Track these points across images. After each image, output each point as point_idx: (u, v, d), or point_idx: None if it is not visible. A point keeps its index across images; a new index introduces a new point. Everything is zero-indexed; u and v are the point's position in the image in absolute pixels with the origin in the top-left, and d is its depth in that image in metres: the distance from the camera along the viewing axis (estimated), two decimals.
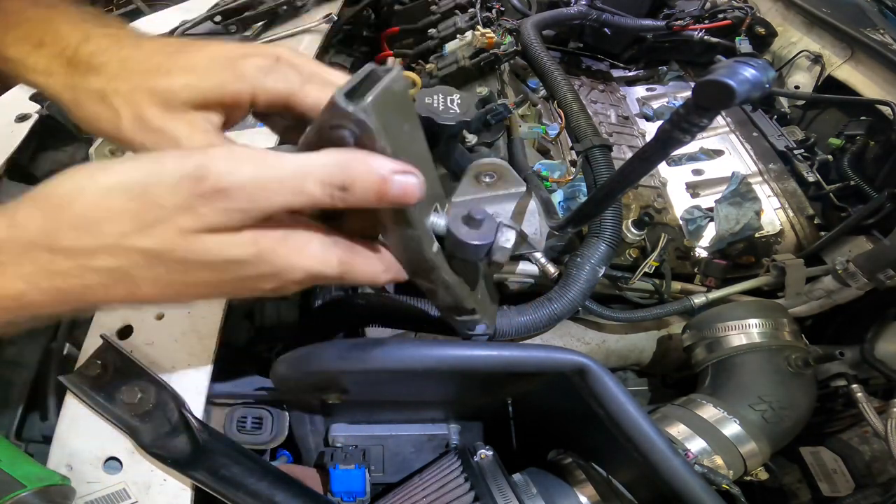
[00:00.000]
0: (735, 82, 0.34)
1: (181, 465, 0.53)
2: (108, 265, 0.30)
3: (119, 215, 0.29)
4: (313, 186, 0.31)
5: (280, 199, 0.31)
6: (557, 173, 0.89)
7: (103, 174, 0.30)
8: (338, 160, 0.32)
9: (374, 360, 0.56)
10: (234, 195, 0.30)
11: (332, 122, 0.32)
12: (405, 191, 0.32)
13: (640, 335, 0.93)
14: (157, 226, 0.30)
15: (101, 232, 0.30)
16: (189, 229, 0.30)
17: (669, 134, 0.40)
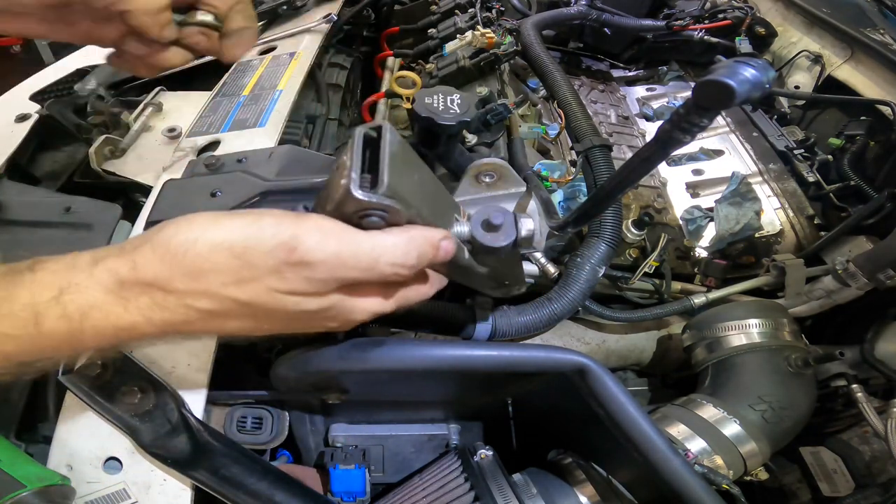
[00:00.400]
0: (735, 82, 0.34)
1: (181, 465, 0.53)
2: (208, 307, 0.36)
3: (222, 269, 0.35)
4: (384, 266, 0.37)
5: (354, 275, 0.37)
6: (557, 173, 0.89)
7: (213, 230, 0.36)
8: (407, 239, 0.38)
9: (374, 360, 0.56)
10: (317, 268, 0.36)
11: (359, 213, 0.37)
12: (447, 253, 0.40)
13: (640, 335, 0.93)
14: (250, 282, 0.36)
15: (206, 280, 0.35)
16: (275, 289, 0.36)
17: (669, 134, 0.40)
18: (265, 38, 1.10)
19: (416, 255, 0.38)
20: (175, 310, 0.36)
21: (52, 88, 1.01)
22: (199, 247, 0.35)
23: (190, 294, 0.36)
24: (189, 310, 0.36)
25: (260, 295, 0.36)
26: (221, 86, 0.95)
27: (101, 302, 0.35)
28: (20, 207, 0.73)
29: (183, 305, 0.36)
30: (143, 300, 0.36)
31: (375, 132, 0.39)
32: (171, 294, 0.36)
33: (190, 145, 0.79)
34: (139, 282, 0.35)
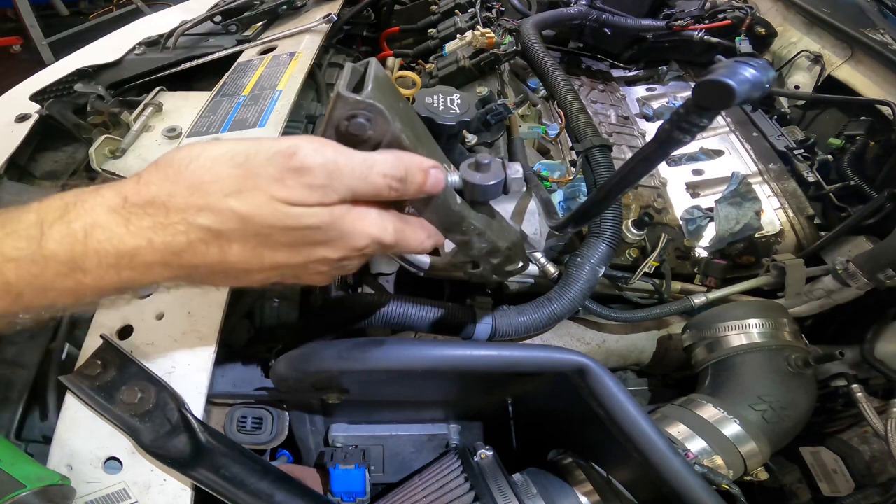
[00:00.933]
0: (735, 82, 0.34)
1: (181, 465, 0.53)
2: (209, 223, 0.36)
3: (224, 178, 0.35)
4: (377, 177, 0.38)
5: (350, 182, 0.37)
6: (557, 173, 0.89)
7: (213, 146, 0.36)
8: (396, 155, 0.39)
9: (374, 360, 0.56)
10: (316, 172, 0.36)
11: (347, 113, 0.38)
12: (437, 181, 0.40)
13: (640, 335, 0.93)
14: (252, 191, 0.35)
15: (208, 192, 0.35)
16: (276, 198, 0.35)
17: (669, 133, 0.40)
18: (265, 38, 1.10)
19: (405, 170, 0.38)
20: (176, 228, 0.35)
21: (52, 88, 1.01)
22: (201, 159, 0.35)
23: (191, 208, 0.35)
24: (190, 228, 0.35)
25: (261, 206, 0.36)
26: (221, 86, 0.95)
27: (104, 221, 0.35)
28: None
29: (184, 222, 0.35)
30: (146, 220, 0.35)
31: (363, 67, 0.41)
32: (173, 210, 0.35)
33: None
34: (142, 199, 0.35)
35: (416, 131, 0.43)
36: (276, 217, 0.36)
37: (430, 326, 0.68)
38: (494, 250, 0.52)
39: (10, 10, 3.63)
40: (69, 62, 1.08)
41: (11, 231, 0.34)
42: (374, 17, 1.43)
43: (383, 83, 0.40)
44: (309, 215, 0.37)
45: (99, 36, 1.21)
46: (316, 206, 0.37)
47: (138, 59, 1.10)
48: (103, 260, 0.35)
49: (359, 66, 0.41)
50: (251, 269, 0.39)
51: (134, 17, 1.64)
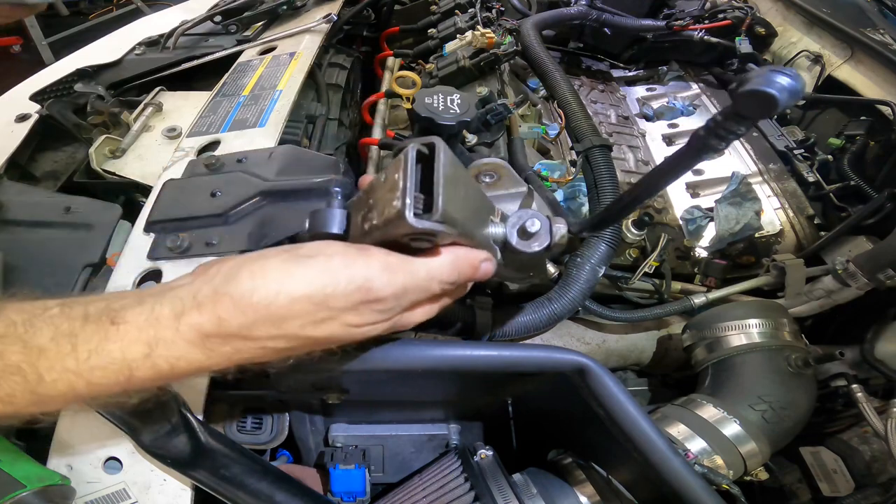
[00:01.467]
0: (776, 91, 0.34)
1: (181, 465, 0.53)
2: (282, 346, 0.40)
3: (302, 315, 0.38)
4: (436, 286, 0.42)
5: (414, 298, 0.42)
6: (557, 173, 0.89)
7: (290, 282, 0.38)
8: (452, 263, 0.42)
9: (374, 360, 0.56)
10: (388, 301, 0.40)
11: (409, 236, 0.39)
12: (486, 273, 0.45)
13: (640, 335, 0.93)
14: (328, 321, 0.39)
15: (286, 326, 0.38)
16: (350, 324, 0.40)
17: (705, 141, 0.39)
18: (265, 38, 1.10)
19: (458, 274, 0.43)
20: (253, 352, 0.39)
21: (52, 88, 1.01)
22: (280, 299, 0.38)
23: (268, 338, 0.39)
24: (266, 350, 0.40)
25: (335, 331, 0.40)
26: (221, 86, 0.95)
27: (186, 353, 0.38)
28: (20, 207, 0.73)
29: (261, 348, 0.39)
30: (226, 349, 0.39)
31: (427, 149, 0.40)
32: (251, 340, 0.39)
33: (190, 145, 0.79)
34: (223, 334, 0.38)
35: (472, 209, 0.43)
36: (346, 335, 0.41)
37: (430, 326, 0.68)
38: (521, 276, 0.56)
39: None
40: (69, 62, 1.08)
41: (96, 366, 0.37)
42: (374, 17, 1.43)
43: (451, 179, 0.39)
44: (374, 330, 0.42)
45: (99, 36, 1.21)
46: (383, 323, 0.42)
47: (138, 59, 1.10)
48: (182, 375, 0.40)
49: (423, 147, 0.40)
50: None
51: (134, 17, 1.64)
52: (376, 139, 0.91)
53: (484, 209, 0.47)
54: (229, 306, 0.38)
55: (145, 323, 0.37)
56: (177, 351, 0.37)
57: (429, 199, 0.38)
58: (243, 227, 0.62)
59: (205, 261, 0.62)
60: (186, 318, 0.37)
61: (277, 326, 0.38)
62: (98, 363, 0.36)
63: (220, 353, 0.38)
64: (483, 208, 0.47)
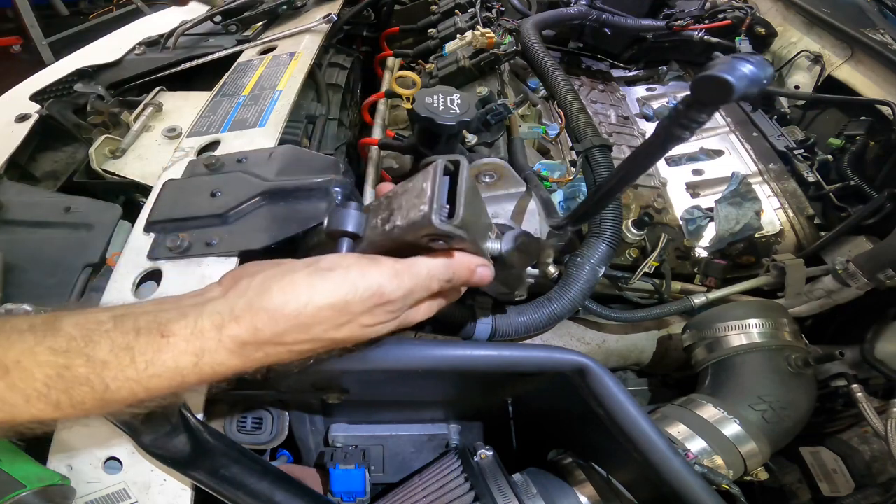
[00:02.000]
0: (733, 77, 0.34)
1: (181, 465, 0.53)
2: (307, 348, 0.46)
3: (326, 321, 0.44)
4: (436, 284, 0.48)
5: (417, 296, 0.48)
6: (557, 173, 0.89)
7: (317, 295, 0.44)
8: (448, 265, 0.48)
9: (374, 360, 0.56)
10: (396, 302, 0.46)
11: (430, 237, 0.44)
12: (482, 278, 0.50)
13: (640, 335, 0.93)
14: (347, 324, 0.45)
15: (313, 331, 0.44)
16: (366, 325, 0.46)
17: (669, 130, 0.40)
18: (265, 38, 1.10)
19: (454, 274, 0.48)
20: (282, 355, 0.45)
21: (52, 88, 1.01)
22: (309, 309, 0.44)
23: (296, 343, 0.44)
24: (292, 352, 0.45)
25: (353, 331, 0.46)
26: (221, 86, 0.95)
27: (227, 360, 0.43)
28: (20, 207, 0.73)
29: (289, 351, 0.45)
30: (259, 354, 0.44)
31: (453, 165, 0.47)
32: (283, 345, 0.44)
33: (190, 145, 0.79)
34: (258, 342, 0.43)
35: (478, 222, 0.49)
36: (362, 335, 0.47)
37: (430, 326, 0.68)
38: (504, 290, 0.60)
39: (10, 10, 3.63)
40: (69, 62, 1.08)
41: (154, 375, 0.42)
42: (374, 17, 1.43)
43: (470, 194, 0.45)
44: (386, 328, 0.48)
45: (99, 36, 1.21)
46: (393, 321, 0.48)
47: (138, 59, 1.10)
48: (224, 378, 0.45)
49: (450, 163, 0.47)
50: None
51: (134, 17, 1.64)
52: (376, 139, 0.91)
53: (486, 225, 0.52)
54: (265, 318, 0.43)
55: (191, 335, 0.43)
56: (219, 358, 0.43)
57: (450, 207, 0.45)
58: (243, 227, 0.62)
59: (205, 261, 0.62)
60: (227, 331, 0.43)
61: (305, 332, 0.44)
62: (154, 372, 0.41)
63: (255, 358, 0.44)
64: (486, 224, 0.52)
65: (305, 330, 0.44)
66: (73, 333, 0.41)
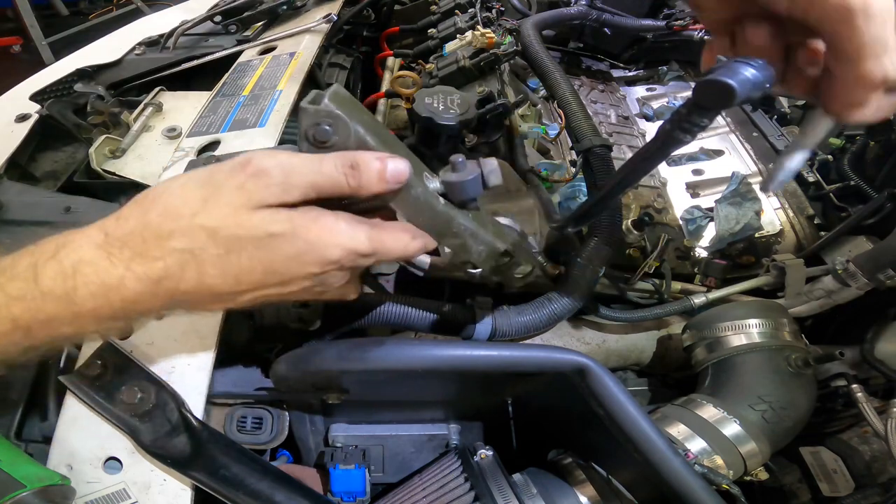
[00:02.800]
0: (736, 82, 0.34)
1: (181, 465, 0.53)
2: (181, 245, 0.38)
3: (190, 200, 0.38)
4: (329, 167, 0.39)
5: (305, 178, 0.39)
6: (557, 173, 0.89)
7: (183, 176, 0.40)
8: (345, 153, 0.40)
9: (374, 360, 0.56)
10: (271, 173, 0.38)
11: (311, 122, 0.40)
12: (398, 170, 0.41)
13: (640, 335, 0.92)
14: (216, 204, 0.38)
15: (179, 215, 0.38)
16: (239, 205, 0.38)
17: (670, 134, 0.40)
18: (265, 38, 1.10)
19: (355, 158, 0.40)
20: (153, 255, 0.38)
21: (52, 88, 1.01)
22: (172, 188, 0.39)
23: (164, 234, 0.38)
24: (165, 252, 0.38)
25: (226, 217, 0.38)
26: (221, 86, 0.95)
27: (89, 256, 0.38)
28: (20, 207, 0.73)
29: (159, 248, 0.38)
30: (126, 252, 0.38)
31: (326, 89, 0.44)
32: (148, 239, 0.38)
33: (190, 145, 0.79)
34: (122, 233, 0.38)
35: (383, 138, 0.44)
36: (240, 225, 0.38)
37: (430, 326, 0.68)
38: (494, 252, 0.52)
39: (10, 10, 3.63)
40: (69, 62, 1.08)
41: (12, 276, 0.38)
42: (374, 17, 1.43)
43: (343, 99, 0.42)
44: (272, 221, 0.38)
45: (99, 36, 1.21)
46: (278, 210, 0.39)
47: (138, 59, 1.10)
48: (93, 292, 0.38)
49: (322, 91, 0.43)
50: (232, 291, 0.41)
51: (134, 17, 1.64)
52: None
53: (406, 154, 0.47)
54: (130, 205, 0.40)
55: (62, 236, 0.39)
56: (81, 252, 0.38)
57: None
58: None
59: None
60: (95, 224, 0.39)
61: (170, 216, 0.38)
62: (12, 273, 0.38)
63: (122, 259, 0.38)
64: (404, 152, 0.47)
65: (169, 215, 0.38)
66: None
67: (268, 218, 0.38)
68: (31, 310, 0.38)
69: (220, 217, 0.38)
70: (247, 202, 0.38)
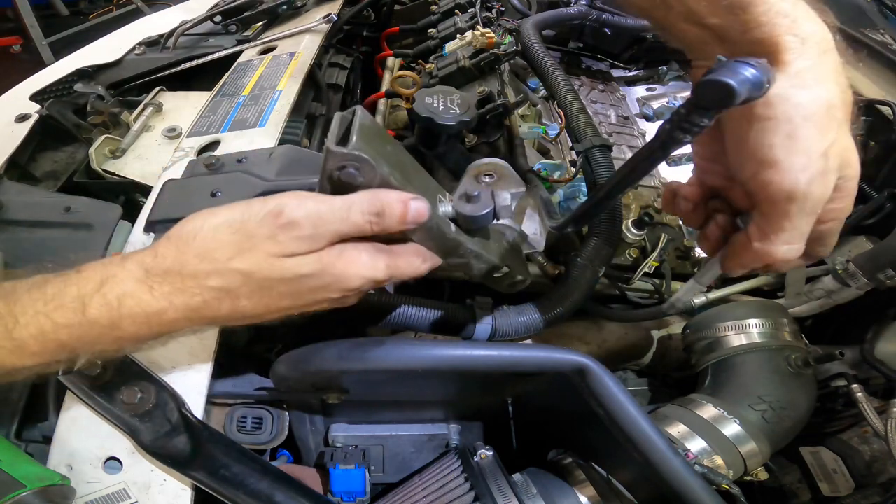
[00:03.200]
0: (736, 82, 0.34)
1: (181, 465, 0.53)
2: (218, 284, 0.42)
3: (226, 245, 0.41)
4: (356, 215, 0.42)
5: (333, 227, 0.42)
6: (557, 173, 0.89)
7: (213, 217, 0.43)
8: (371, 194, 0.43)
9: (374, 360, 0.56)
10: (302, 224, 0.41)
11: (337, 164, 0.41)
12: (419, 212, 0.43)
13: (640, 335, 0.92)
14: (250, 251, 0.41)
15: (214, 258, 0.41)
16: (272, 254, 0.41)
17: (670, 134, 0.40)
18: (265, 38, 1.10)
19: (381, 205, 0.42)
20: (192, 291, 0.42)
21: (52, 88, 1.01)
22: (204, 231, 0.42)
23: (202, 274, 0.41)
24: (203, 289, 0.42)
25: (260, 263, 0.41)
26: (221, 86, 0.95)
27: (132, 290, 0.41)
28: (20, 207, 0.73)
29: (197, 286, 0.42)
30: (165, 287, 0.42)
31: (350, 114, 0.45)
32: (187, 277, 0.41)
33: (190, 145, 0.79)
34: (160, 269, 0.41)
35: (405, 171, 0.46)
36: (273, 270, 0.42)
37: (430, 326, 0.68)
38: (494, 269, 0.55)
39: (10, 10, 3.63)
40: (69, 62, 1.08)
41: (59, 305, 0.41)
42: (374, 17, 1.43)
43: (369, 131, 0.43)
44: (302, 265, 0.42)
45: (99, 36, 1.21)
46: (307, 255, 0.42)
47: (138, 59, 1.10)
48: (136, 320, 0.42)
49: (346, 114, 0.45)
50: (262, 315, 0.45)
51: (134, 17, 1.64)
52: None
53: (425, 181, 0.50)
54: (164, 242, 0.43)
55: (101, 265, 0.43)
56: (123, 286, 0.41)
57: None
58: None
59: None
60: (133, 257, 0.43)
61: (204, 258, 0.41)
62: (59, 303, 0.41)
63: (162, 293, 0.42)
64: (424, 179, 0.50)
65: (205, 256, 0.41)
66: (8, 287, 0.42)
67: (299, 262, 0.42)
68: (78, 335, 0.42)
69: (255, 263, 0.41)
70: (279, 252, 0.41)
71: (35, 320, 0.40)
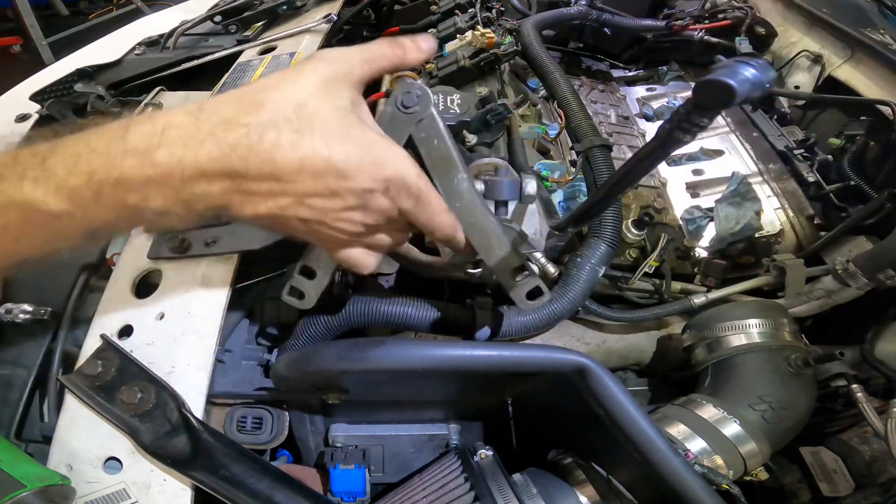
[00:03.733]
0: (735, 82, 0.34)
1: (181, 465, 0.53)
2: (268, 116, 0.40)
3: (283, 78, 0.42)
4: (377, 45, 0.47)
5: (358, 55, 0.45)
6: (557, 173, 0.89)
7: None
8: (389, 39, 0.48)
9: (374, 360, 0.56)
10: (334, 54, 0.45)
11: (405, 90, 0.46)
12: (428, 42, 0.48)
13: (640, 335, 0.92)
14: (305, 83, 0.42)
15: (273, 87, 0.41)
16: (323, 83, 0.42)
17: (670, 133, 0.40)
18: (265, 38, 1.10)
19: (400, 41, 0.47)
20: (238, 123, 0.40)
21: (52, 88, 1.01)
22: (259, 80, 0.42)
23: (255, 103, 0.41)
24: (250, 119, 0.40)
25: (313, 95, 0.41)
26: (221, 86, 0.95)
27: (179, 120, 0.40)
28: None
29: (246, 115, 0.40)
30: (214, 118, 0.40)
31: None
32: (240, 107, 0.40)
33: None
34: (215, 103, 0.41)
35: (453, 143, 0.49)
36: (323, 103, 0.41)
37: (430, 326, 0.68)
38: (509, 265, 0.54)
39: (10, 10, 3.63)
40: (69, 62, 1.08)
41: (102, 133, 0.40)
42: (374, 17, 1.43)
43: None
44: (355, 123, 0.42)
45: (99, 36, 1.21)
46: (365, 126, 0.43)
47: (138, 59, 1.10)
48: (172, 151, 0.39)
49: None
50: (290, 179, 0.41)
51: (134, 17, 1.65)
52: None
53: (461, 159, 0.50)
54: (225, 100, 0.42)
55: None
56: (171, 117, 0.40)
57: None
58: (243, 228, 0.62)
59: (205, 261, 0.63)
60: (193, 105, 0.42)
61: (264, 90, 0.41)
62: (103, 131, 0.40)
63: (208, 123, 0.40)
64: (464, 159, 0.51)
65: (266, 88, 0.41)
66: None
67: (354, 118, 0.43)
68: (108, 165, 0.39)
69: (308, 94, 0.41)
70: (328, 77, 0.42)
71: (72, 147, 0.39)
